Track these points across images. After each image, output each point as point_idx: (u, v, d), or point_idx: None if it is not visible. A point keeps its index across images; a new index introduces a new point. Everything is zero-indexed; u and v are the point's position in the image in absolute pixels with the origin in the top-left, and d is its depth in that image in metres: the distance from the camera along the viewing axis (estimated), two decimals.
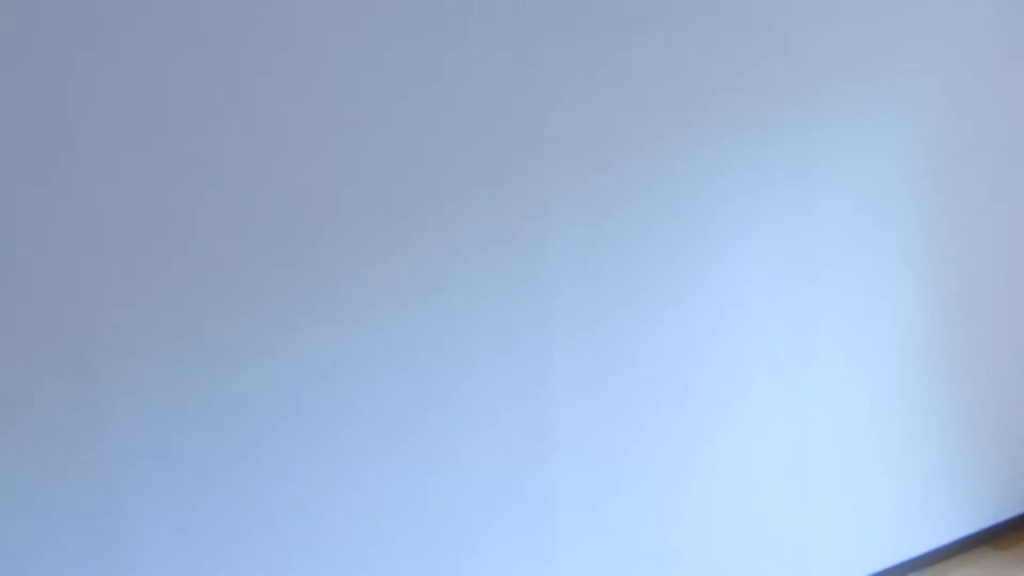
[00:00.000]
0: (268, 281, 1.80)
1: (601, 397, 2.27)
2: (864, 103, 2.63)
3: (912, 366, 2.91)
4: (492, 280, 2.07)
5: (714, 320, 2.44)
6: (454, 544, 2.10)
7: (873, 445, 2.85)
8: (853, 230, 2.67)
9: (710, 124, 2.34)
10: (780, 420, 2.62)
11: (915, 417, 2.95)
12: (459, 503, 2.09)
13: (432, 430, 2.04)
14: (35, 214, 1.57)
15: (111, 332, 1.64)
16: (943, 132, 2.84)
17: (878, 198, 2.72)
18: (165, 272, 1.68)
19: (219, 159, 1.73)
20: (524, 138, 2.07)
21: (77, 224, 1.60)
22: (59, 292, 1.59)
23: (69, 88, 1.58)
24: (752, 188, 2.45)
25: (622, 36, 2.17)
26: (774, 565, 2.68)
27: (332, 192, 1.85)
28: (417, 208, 1.96)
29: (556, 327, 2.17)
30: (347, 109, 1.85)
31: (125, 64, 1.62)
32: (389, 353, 1.96)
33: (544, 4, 2.05)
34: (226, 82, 1.72)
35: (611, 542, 2.34)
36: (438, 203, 1.98)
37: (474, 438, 2.10)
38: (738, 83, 2.38)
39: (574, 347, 2.21)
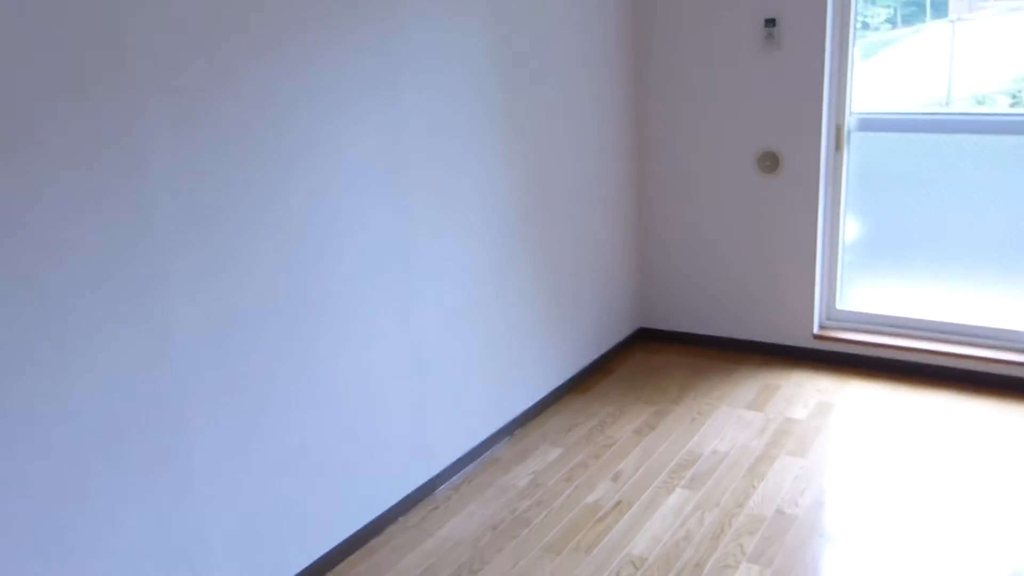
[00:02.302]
0: None
1: (218, 311, 2.21)
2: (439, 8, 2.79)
3: (499, 247, 3.22)
4: (85, 201, 1.90)
5: (320, 221, 2.48)
6: (85, 471, 1.96)
7: (472, 325, 3.14)
8: (438, 125, 2.85)
9: (295, 14, 2.32)
10: (391, 312, 2.76)
11: (505, 293, 3.29)
12: (84, 434, 1.95)
13: (47, 366, 1.86)
14: None
15: None
16: (510, 32, 3.11)
17: (457, 93, 2.92)
18: None
19: None
20: (108, 44, 1.89)
21: None
22: None
23: None
24: (343, 79, 2.49)
25: None
26: (401, 454, 2.87)
27: None
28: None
29: (161, 242, 2.06)
30: None
31: None
32: None
33: None
34: None
35: (248, 453, 2.34)
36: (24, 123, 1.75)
37: (89, 373, 1.95)
38: None
39: (183, 261, 2.12)
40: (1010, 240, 3.63)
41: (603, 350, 4.03)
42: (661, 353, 4.15)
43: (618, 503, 2.91)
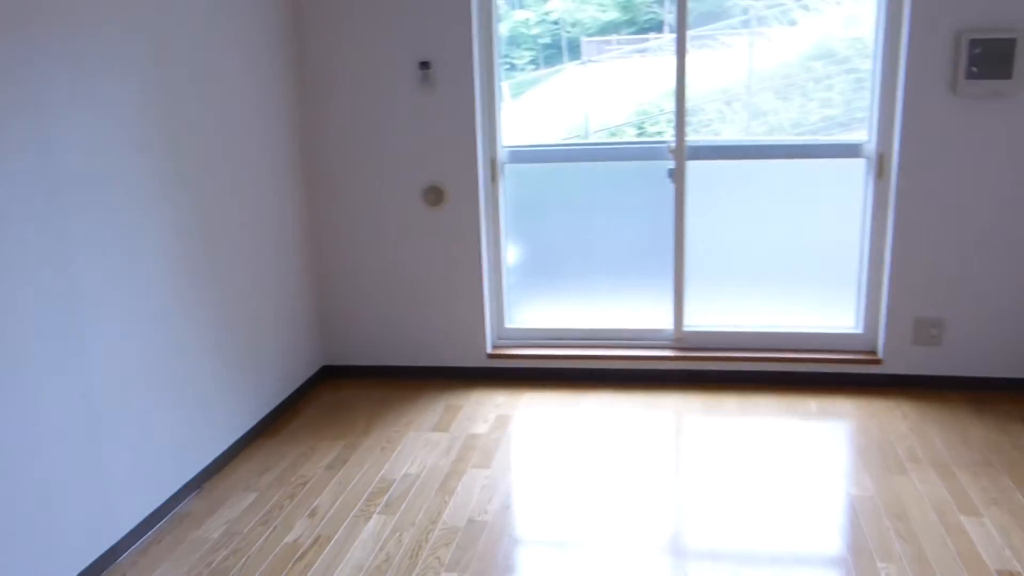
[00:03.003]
0: None
1: None
2: (88, 56, 2.65)
3: (174, 299, 3.11)
4: None
5: None
6: None
7: (150, 380, 3.00)
8: (99, 177, 2.71)
9: None
10: (56, 373, 2.57)
11: (183, 345, 3.18)
12: None
13: None
14: None
15: None
16: (162, 81, 3.02)
17: (118, 141, 2.79)
18: None
19: None
20: None
21: None
22: None
23: None
24: None
25: None
26: (77, 523, 2.67)
27: None
28: None
29: None
30: None
31: None
32: None
33: None
34: None
35: None
36: None
37: None
38: None
39: None
40: (643, 251, 4.16)
41: (289, 392, 4.01)
42: (347, 388, 4.21)
43: (317, 538, 2.92)
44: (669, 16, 4.17)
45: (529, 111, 4.41)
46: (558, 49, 4.56)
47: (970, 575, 2.57)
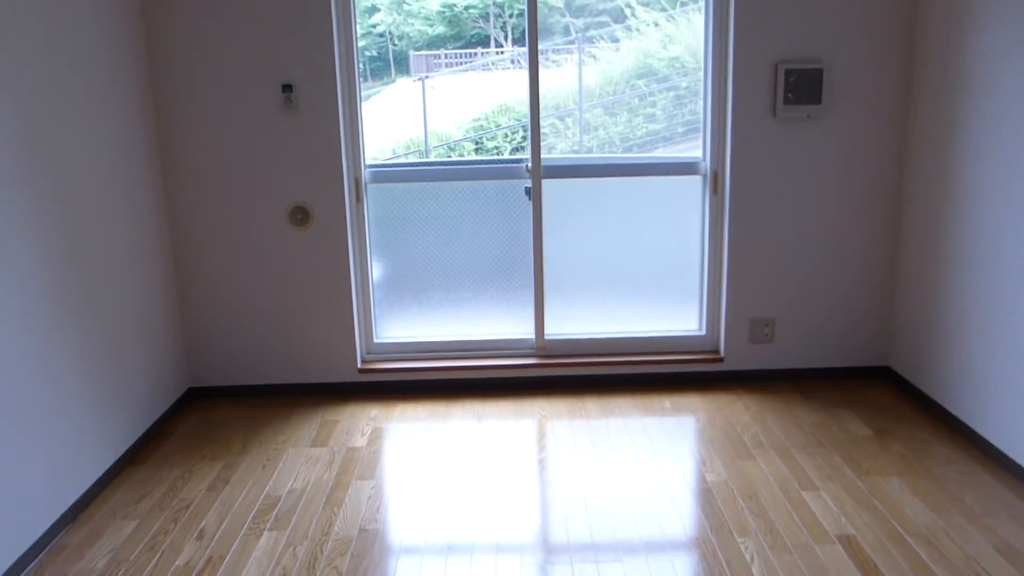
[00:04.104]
0: None
1: None
2: None
3: (36, 327, 3.04)
4: None
5: None
6: None
7: (15, 413, 2.92)
8: None
9: None
10: None
11: (41, 379, 3.11)
12: None
13: None
14: None
15: None
16: (20, 111, 2.96)
17: None
18: None
19: None
20: None
21: None
22: None
23: None
24: None
25: None
26: None
27: None
28: None
29: None
30: None
31: None
32: None
33: None
34: None
35: None
36: None
37: None
38: None
39: None
40: (504, 265, 4.38)
41: (155, 416, 3.95)
42: (217, 409, 4.18)
43: (210, 559, 2.93)
44: (495, 32, 4.40)
45: (365, 125, 4.51)
46: (385, 62, 4.67)
47: (814, 541, 2.93)
